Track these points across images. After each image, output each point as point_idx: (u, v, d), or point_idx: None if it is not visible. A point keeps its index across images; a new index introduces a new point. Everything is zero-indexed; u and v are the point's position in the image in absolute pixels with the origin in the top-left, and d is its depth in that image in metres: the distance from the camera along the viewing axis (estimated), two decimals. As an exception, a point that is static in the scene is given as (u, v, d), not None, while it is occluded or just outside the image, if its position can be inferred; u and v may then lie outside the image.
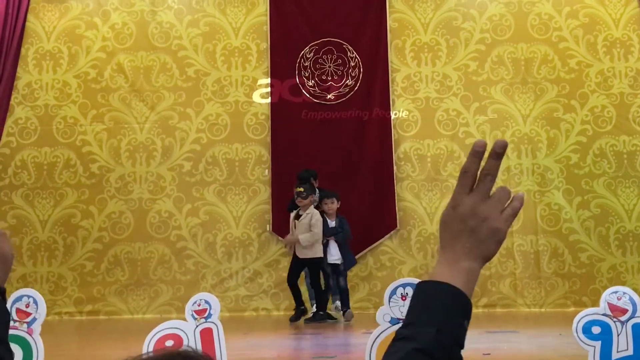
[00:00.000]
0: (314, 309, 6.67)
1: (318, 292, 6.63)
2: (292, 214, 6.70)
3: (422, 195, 7.20)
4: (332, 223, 6.72)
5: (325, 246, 6.62)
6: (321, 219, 6.64)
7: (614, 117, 7.20)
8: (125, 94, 7.40)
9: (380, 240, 7.13)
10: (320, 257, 6.62)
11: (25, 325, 2.83)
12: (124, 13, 7.52)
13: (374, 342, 2.66)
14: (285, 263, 7.13)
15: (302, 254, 6.49)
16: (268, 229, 7.17)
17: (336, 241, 6.65)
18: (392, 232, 7.15)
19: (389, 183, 7.19)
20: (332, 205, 6.69)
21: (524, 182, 7.15)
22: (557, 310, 6.81)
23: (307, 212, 6.57)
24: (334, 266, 6.64)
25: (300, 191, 6.56)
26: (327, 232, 6.62)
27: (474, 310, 4.51)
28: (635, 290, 6.96)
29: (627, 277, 6.95)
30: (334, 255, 6.67)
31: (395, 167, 7.22)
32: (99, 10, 7.52)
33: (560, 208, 7.09)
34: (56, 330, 6.18)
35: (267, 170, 7.27)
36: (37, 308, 2.85)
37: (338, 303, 6.76)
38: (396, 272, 7.05)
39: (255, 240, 7.19)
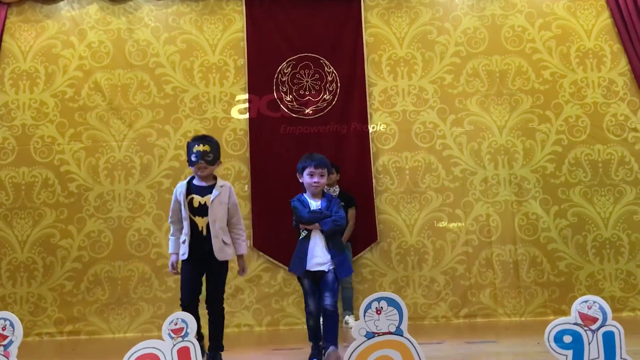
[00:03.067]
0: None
1: (221, 322, 4.82)
2: (182, 189, 4.78)
3: (401, 207, 7.25)
4: (316, 204, 4.70)
5: (305, 241, 4.63)
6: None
7: (588, 127, 7.31)
8: (103, 112, 7.39)
9: (361, 253, 7.16)
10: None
11: (2, 348, 2.82)
12: (101, 31, 7.53)
13: (350, 356, 2.69)
14: (267, 278, 7.14)
15: (222, 255, 4.69)
16: (249, 244, 7.16)
17: (322, 232, 4.60)
18: (372, 245, 7.18)
19: (368, 196, 7.23)
20: (322, 180, 4.72)
21: (501, 192, 7.22)
22: (537, 319, 6.87)
23: (219, 184, 4.79)
24: (317, 275, 4.58)
25: (206, 151, 4.71)
26: (307, 219, 4.63)
27: (456, 321, 4.61)
28: (612, 297, 7.08)
29: (605, 284, 7.04)
30: (319, 257, 4.58)
31: (374, 180, 7.26)
32: (75, 29, 7.52)
33: (537, 217, 7.17)
34: (36, 351, 6.13)
35: (246, 186, 7.28)
36: (13, 331, 2.85)
37: (348, 318, 6.66)
38: (377, 285, 7.08)
39: (236, 256, 7.18)
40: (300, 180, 4.83)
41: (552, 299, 7.03)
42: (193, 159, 4.71)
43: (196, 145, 4.73)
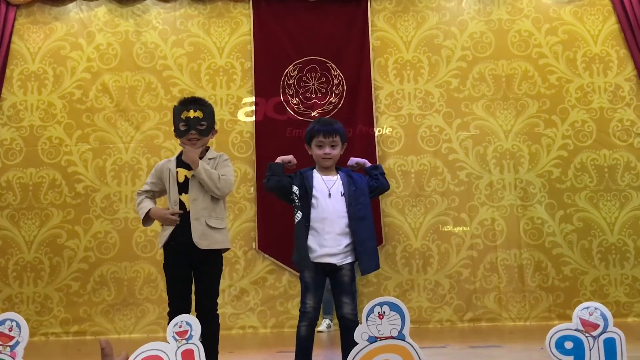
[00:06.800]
0: (325, 325, 6.59)
1: (214, 334, 3.77)
2: (168, 162, 3.94)
3: (407, 211, 7.26)
4: (332, 180, 3.76)
5: (306, 228, 3.63)
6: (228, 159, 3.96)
7: (594, 132, 7.32)
8: (111, 114, 7.44)
9: (366, 257, 7.15)
10: (227, 248, 3.89)
11: (8, 349, 2.85)
12: (109, 34, 7.58)
13: (352, 359, 2.70)
14: (272, 280, 7.16)
15: (205, 243, 3.71)
16: (254, 246, 7.19)
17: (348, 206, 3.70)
18: (377, 248, 7.17)
19: (374, 199, 7.22)
20: (334, 151, 3.78)
21: (506, 196, 7.23)
22: (542, 323, 6.87)
23: (209, 155, 3.89)
24: (326, 268, 3.64)
25: (197, 118, 3.72)
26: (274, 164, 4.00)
27: (460, 325, 4.58)
28: (617, 302, 7.06)
29: (610, 289, 7.03)
30: (329, 245, 3.60)
31: (379, 184, 7.26)
32: (83, 31, 7.57)
33: (543, 222, 7.17)
34: (42, 351, 6.17)
35: (252, 188, 7.31)
36: (20, 331, 2.87)
37: (329, 322, 6.67)
38: (382, 288, 7.10)
39: (242, 258, 7.21)
40: (310, 153, 3.92)
41: (556, 304, 7.03)
42: (182, 128, 3.78)
43: (185, 111, 3.77)
